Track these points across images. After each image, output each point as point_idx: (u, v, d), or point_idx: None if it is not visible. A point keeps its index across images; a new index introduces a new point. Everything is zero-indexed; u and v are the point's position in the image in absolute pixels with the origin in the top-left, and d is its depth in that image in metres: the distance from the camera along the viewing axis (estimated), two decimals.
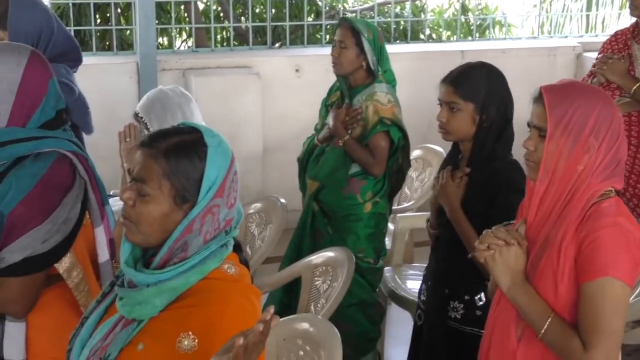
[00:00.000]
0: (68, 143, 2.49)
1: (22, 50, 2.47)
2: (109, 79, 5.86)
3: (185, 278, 1.90)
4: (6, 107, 2.40)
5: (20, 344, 2.44)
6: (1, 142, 2.40)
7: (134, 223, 1.92)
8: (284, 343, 2.82)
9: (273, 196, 4.23)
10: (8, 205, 2.35)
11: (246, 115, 5.99)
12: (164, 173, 1.89)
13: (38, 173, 2.39)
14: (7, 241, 2.35)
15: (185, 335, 1.85)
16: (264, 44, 7.08)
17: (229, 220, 1.96)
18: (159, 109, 3.59)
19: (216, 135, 1.97)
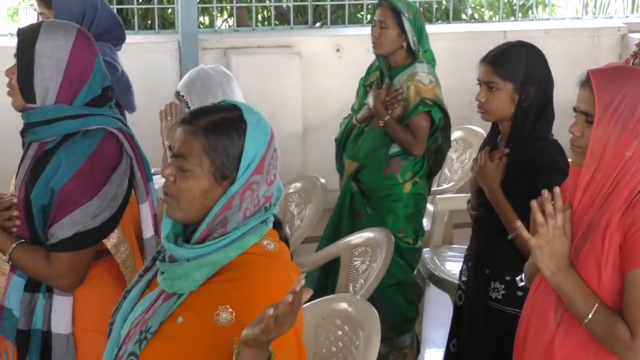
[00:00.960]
0: (114, 120, 2.52)
1: (69, 28, 2.49)
2: (150, 57, 5.89)
3: (225, 253, 1.92)
4: (54, 85, 2.43)
5: (67, 317, 2.48)
6: (49, 119, 2.44)
7: (174, 199, 1.94)
8: (322, 322, 2.83)
9: (313, 176, 4.24)
10: (59, 181, 2.39)
11: (286, 94, 6.00)
12: (204, 150, 1.91)
13: (87, 150, 2.42)
14: (58, 217, 2.40)
15: (223, 308, 1.87)
16: (305, 23, 7.07)
17: (268, 197, 1.98)
18: (200, 87, 3.60)
19: (256, 112, 1.98)
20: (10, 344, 2.54)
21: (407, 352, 4.17)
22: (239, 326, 1.78)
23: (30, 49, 2.43)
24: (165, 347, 1.92)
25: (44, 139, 2.46)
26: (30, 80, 2.44)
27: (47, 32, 2.45)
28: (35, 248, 2.46)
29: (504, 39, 5.89)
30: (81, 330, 2.50)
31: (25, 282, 2.51)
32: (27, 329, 2.49)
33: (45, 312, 2.48)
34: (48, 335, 2.48)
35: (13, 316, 2.52)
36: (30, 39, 2.45)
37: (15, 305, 2.52)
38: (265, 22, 8.97)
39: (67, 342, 2.49)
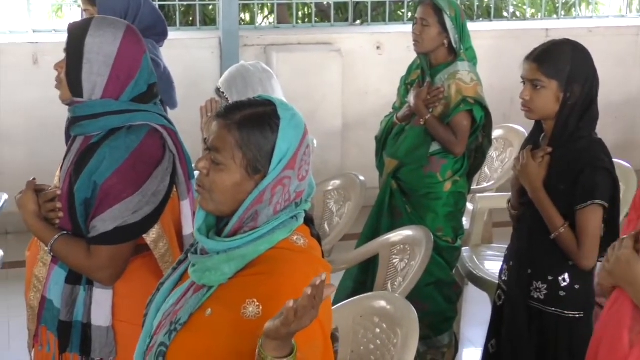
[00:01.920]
0: (158, 117, 2.54)
1: (118, 25, 2.52)
2: (191, 54, 5.93)
3: (254, 247, 1.94)
4: (102, 80, 2.46)
5: (106, 310, 2.50)
6: (95, 113, 2.46)
7: (207, 191, 1.97)
8: (360, 320, 2.83)
9: (352, 173, 4.23)
10: (102, 175, 2.41)
11: (326, 91, 6.00)
12: (237, 144, 1.93)
13: (131, 145, 2.44)
14: (100, 210, 2.42)
15: (250, 302, 1.89)
16: (346, 20, 7.07)
17: (299, 192, 1.99)
18: (241, 84, 3.61)
19: (290, 108, 1.99)
20: (52, 335, 2.56)
21: (445, 351, 4.15)
22: (265, 320, 1.79)
23: (79, 44, 2.46)
24: (194, 339, 1.94)
25: (90, 133, 2.49)
26: (78, 74, 2.46)
27: (97, 28, 2.47)
28: (76, 240, 2.48)
29: (546, 37, 5.85)
30: (120, 323, 2.52)
31: (67, 274, 2.53)
32: (69, 320, 2.52)
33: (85, 304, 2.50)
34: (88, 327, 2.51)
35: (54, 307, 2.55)
36: (80, 35, 2.47)
37: (56, 297, 2.54)
38: (305, 19, 8.98)
39: (106, 334, 2.51)
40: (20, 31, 6.00)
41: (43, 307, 2.58)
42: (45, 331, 2.59)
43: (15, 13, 6.49)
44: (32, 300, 2.61)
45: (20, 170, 5.57)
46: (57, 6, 8.50)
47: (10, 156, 5.39)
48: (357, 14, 8.20)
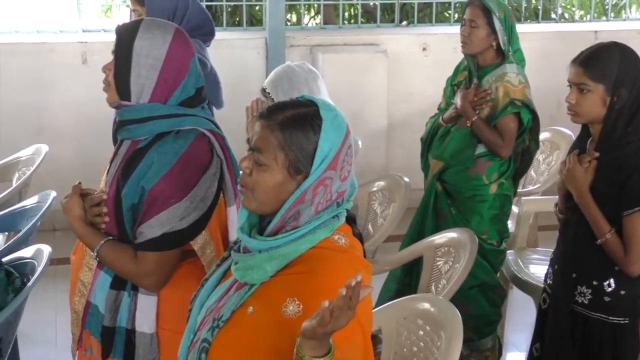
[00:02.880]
0: (206, 121, 2.51)
1: (167, 27, 2.49)
2: (237, 54, 5.96)
3: (296, 246, 1.96)
4: (150, 83, 2.43)
5: (151, 316, 2.47)
6: (143, 117, 2.44)
7: (249, 190, 1.99)
8: (404, 322, 2.82)
9: (397, 175, 4.22)
10: (150, 180, 2.38)
11: (372, 92, 6.00)
12: (279, 144, 1.95)
13: (179, 150, 2.41)
14: (147, 216, 2.39)
15: (291, 300, 1.90)
16: (392, 21, 7.05)
17: (341, 193, 2.00)
18: (286, 84, 3.62)
19: (332, 109, 2.00)
20: (95, 340, 2.53)
21: (488, 355, 4.12)
22: (306, 318, 1.80)
23: (128, 47, 2.44)
24: (236, 336, 1.96)
25: (137, 137, 2.46)
26: (126, 77, 2.44)
27: (146, 31, 2.45)
28: (122, 246, 2.45)
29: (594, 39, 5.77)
30: (164, 331, 2.48)
31: (112, 279, 2.50)
32: (112, 325, 2.49)
33: (130, 310, 2.47)
34: (132, 333, 2.47)
35: (99, 312, 2.52)
36: (128, 38, 2.45)
37: (100, 302, 2.51)
38: (351, 20, 8.97)
39: (150, 341, 2.47)
40: (70, 31, 6.08)
41: (87, 311, 2.56)
42: (88, 336, 2.56)
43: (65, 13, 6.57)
44: (76, 304, 2.59)
45: (68, 168, 5.65)
46: (107, 6, 8.59)
47: (59, 154, 5.46)
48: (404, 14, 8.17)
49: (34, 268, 3.24)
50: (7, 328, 3.07)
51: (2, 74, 5.64)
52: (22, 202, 4.09)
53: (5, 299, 3.00)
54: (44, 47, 5.75)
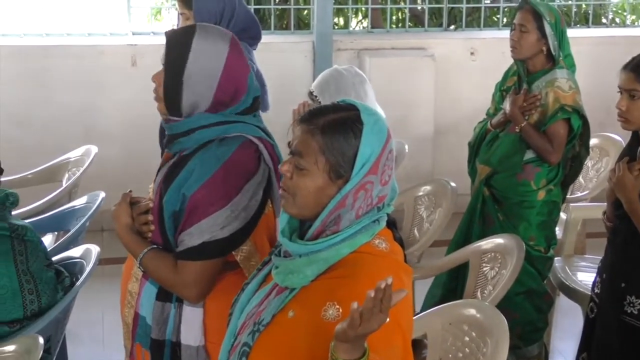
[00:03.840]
0: (255, 128, 2.42)
1: (224, 36, 2.39)
2: (285, 57, 5.98)
3: (336, 250, 1.95)
4: (205, 102, 2.35)
5: (196, 329, 2.39)
6: (191, 129, 2.36)
7: (290, 195, 1.99)
8: (449, 327, 2.80)
9: (443, 179, 4.20)
10: (191, 187, 2.31)
11: (419, 96, 5.99)
12: (320, 149, 1.94)
13: (222, 157, 2.32)
14: (187, 224, 2.31)
15: (330, 304, 1.90)
16: (440, 25, 7.03)
17: (382, 197, 2.00)
18: (333, 88, 3.62)
19: (373, 113, 2.00)
20: (148, 353, 2.46)
21: None
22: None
23: (180, 61, 2.34)
24: (276, 340, 1.96)
25: (187, 150, 2.38)
26: (177, 95, 2.35)
27: (201, 42, 2.35)
28: (164, 255, 2.37)
29: None
30: (212, 345, 2.37)
31: (157, 290, 2.42)
32: (161, 338, 2.41)
33: (175, 322, 2.39)
34: (177, 346, 2.40)
35: (147, 324, 2.45)
36: (181, 49, 2.35)
37: (147, 313, 2.44)
38: (399, 24, 8.96)
39: (196, 355, 2.39)
40: (120, 33, 6.15)
41: (137, 324, 2.49)
42: (140, 349, 2.49)
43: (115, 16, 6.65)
44: (126, 316, 2.53)
45: (116, 169, 5.71)
46: (156, 9, 8.68)
47: (108, 155, 5.51)
48: (452, 19, 8.15)
49: (82, 267, 3.29)
50: (56, 326, 3.12)
51: (54, 75, 5.73)
52: (71, 203, 4.15)
53: (54, 298, 3.04)
54: (94, 50, 5.82)
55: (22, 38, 5.95)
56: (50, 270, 3.08)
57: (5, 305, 2.89)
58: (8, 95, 5.68)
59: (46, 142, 5.63)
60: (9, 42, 5.85)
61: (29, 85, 5.70)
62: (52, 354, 3.15)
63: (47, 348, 2.90)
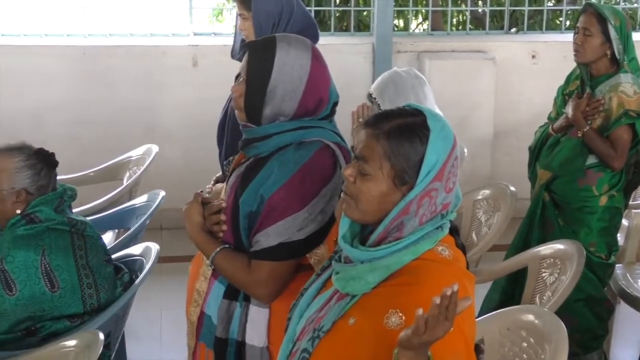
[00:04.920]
0: (332, 133, 2.44)
1: (306, 46, 2.41)
2: (344, 59, 5.97)
3: (398, 257, 1.93)
4: (293, 105, 2.37)
5: (262, 329, 2.41)
6: (269, 134, 2.38)
7: (353, 199, 1.97)
8: (507, 333, 2.78)
9: (503, 183, 4.16)
10: (269, 189, 2.33)
11: (479, 99, 5.94)
12: (385, 154, 1.92)
13: (300, 160, 2.35)
14: (264, 225, 2.34)
15: (393, 312, 1.87)
16: (501, 28, 6.96)
17: (446, 204, 1.97)
18: (393, 90, 3.61)
19: (440, 119, 1.97)
20: (212, 352, 2.49)
21: None
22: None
23: (264, 75, 2.36)
24: (336, 346, 1.95)
25: (264, 153, 2.40)
26: (260, 106, 2.37)
27: (284, 54, 2.37)
28: (237, 254, 2.41)
29: None
30: (276, 347, 2.34)
31: (225, 288, 2.46)
32: (225, 337, 2.44)
33: (240, 321, 2.42)
34: (242, 345, 2.42)
35: (212, 323, 2.48)
36: (265, 62, 2.36)
37: (213, 312, 2.47)
38: (459, 26, 8.91)
39: (260, 355, 2.42)
40: (182, 34, 6.21)
41: (201, 323, 2.52)
42: (204, 348, 2.52)
43: (177, 17, 6.72)
44: (191, 314, 2.55)
45: (176, 168, 5.77)
46: (218, 10, 8.75)
47: (168, 154, 5.58)
48: (513, 21, 8.07)
49: (142, 265, 3.32)
50: (115, 322, 3.15)
51: (117, 75, 5.81)
52: (132, 201, 4.20)
53: (113, 293, 3.08)
54: (156, 50, 5.89)
55: (86, 38, 6.05)
56: (109, 266, 3.12)
57: (64, 299, 2.94)
58: (72, 94, 5.78)
59: (108, 141, 5.71)
60: (73, 42, 5.95)
61: (92, 85, 5.79)
62: (112, 350, 3.19)
63: (106, 344, 2.93)
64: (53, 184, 3.05)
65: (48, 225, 2.96)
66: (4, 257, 2.90)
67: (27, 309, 2.89)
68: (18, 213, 2.96)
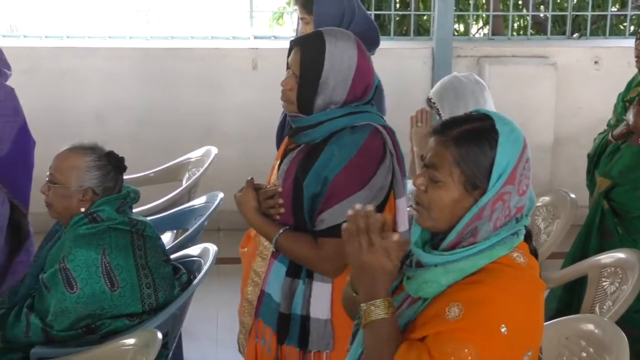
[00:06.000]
0: (378, 117, 2.62)
1: (350, 38, 2.58)
2: (403, 63, 5.96)
3: (473, 261, 1.93)
4: (343, 93, 2.53)
5: (325, 303, 2.56)
6: (319, 121, 2.54)
7: (425, 208, 1.97)
8: (565, 342, 2.75)
9: (563, 190, 4.11)
10: (333, 170, 2.48)
11: (539, 105, 5.88)
12: (455, 160, 1.92)
13: (357, 142, 2.51)
14: (329, 204, 2.49)
15: (454, 304, 1.88)
16: (563, 33, 6.88)
17: (520, 208, 1.95)
18: (452, 95, 3.59)
19: (508, 122, 1.96)
20: (269, 329, 2.64)
21: None
22: (465, 321, 1.83)
23: (317, 68, 2.52)
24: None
25: (315, 140, 2.57)
26: (312, 98, 2.53)
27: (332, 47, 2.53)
28: (300, 234, 2.55)
29: None
30: (338, 319, 2.53)
31: (287, 267, 2.60)
32: (288, 312, 2.59)
33: (304, 297, 2.56)
34: (306, 319, 2.57)
35: (272, 301, 2.62)
36: (316, 56, 2.53)
37: (274, 291, 2.62)
38: (520, 31, 8.83)
39: (324, 327, 2.56)
40: (242, 37, 6.26)
41: (261, 301, 2.67)
42: (262, 324, 2.67)
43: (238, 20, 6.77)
44: (249, 294, 2.71)
45: (234, 170, 5.80)
46: (278, 14, 8.80)
47: (226, 156, 5.62)
48: (575, 27, 7.98)
49: (200, 266, 3.35)
50: (173, 322, 3.19)
51: (178, 77, 5.87)
52: (191, 202, 4.24)
53: (171, 293, 3.11)
54: (216, 53, 5.94)
55: (148, 41, 6.13)
56: (167, 266, 3.16)
57: (124, 298, 2.98)
58: (134, 95, 5.87)
59: (168, 142, 5.78)
60: (136, 45, 6.04)
61: (153, 86, 5.87)
62: (169, 349, 3.22)
63: (164, 343, 2.97)
64: (119, 187, 3.10)
65: (109, 224, 3.00)
66: (66, 256, 2.95)
67: (88, 307, 2.94)
68: (82, 211, 3.01)
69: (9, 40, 6.01)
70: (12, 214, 3.76)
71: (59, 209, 3.05)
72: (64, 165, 3.04)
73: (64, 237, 3.03)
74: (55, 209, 3.06)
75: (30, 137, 3.77)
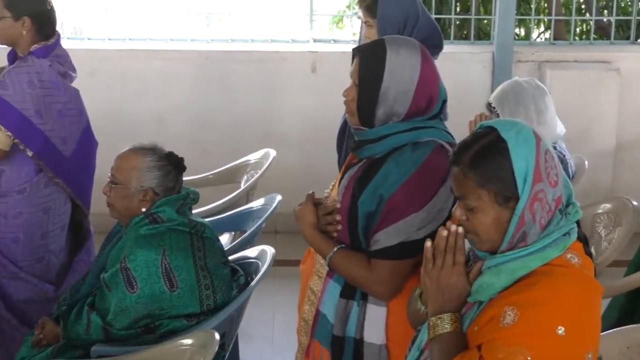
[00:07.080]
0: (445, 133, 2.49)
1: (414, 47, 2.44)
2: (463, 67, 5.92)
3: (524, 262, 1.94)
4: (405, 105, 2.40)
5: (380, 327, 2.45)
6: (382, 135, 2.42)
7: (474, 235, 2.01)
8: (626, 351, 2.71)
9: (624, 197, 4.05)
10: (389, 189, 2.37)
11: (601, 111, 5.80)
12: (478, 184, 1.95)
13: (417, 160, 2.38)
14: (384, 224, 2.38)
15: (508, 308, 1.89)
16: (627, 38, 6.77)
17: (558, 199, 1.97)
18: (513, 100, 3.57)
19: (512, 126, 1.98)
20: (326, 350, 2.54)
21: None
22: (520, 326, 1.84)
23: (376, 78, 2.40)
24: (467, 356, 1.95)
25: (378, 154, 2.45)
26: (372, 109, 2.41)
27: (394, 56, 2.40)
28: (355, 253, 2.44)
29: None
30: (394, 345, 2.44)
31: (341, 287, 2.50)
32: (342, 335, 2.49)
33: (358, 320, 2.46)
34: (360, 343, 2.47)
35: (328, 322, 2.53)
36: (376, 66, 2.40)
37: (329, 311, 2.52)
38: (583, 36, 8.71)
39: (378, 353, 2.46)
40: (302, 40, 6.28)
41: (317, 321, 2.57)
42: (318, 346, 2.57)
43: (297, 23, 6.79)
44: (306, 313, 2.61)
45: (292, 173, 5.83)
46: (338, 17, 8.80)
47: (284, 159, 5.63)
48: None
49: (257, 268, 3.37)
50: (230, 323, 3.21)
51: (237, 80, 5.91)
52: (249, 204, 4.26)
53: (229, 295, 3.13)
54: (276, 56, 5.97)
55: (208, 43, 6.18)
56: (226, 267, 3.18)
57: (183, 299, 3.00)
58: (194, 97, 5.92)
59: (227, 144, 5.82)
60: (196, 47, 6.10)
61: (213, 89, 5.91)
62: (226, 350, 3.24)
63: (221, 344, 2.98)
64: (178, 187, 3.13)
65: (169, 225, 3.03)
66: (127, 256, 2.99)
67: (147, 306, 2.97)
68: (143, 212, 3.04)
69: (73, 42, 6.11)
70: (74, 213, 3.82)
71: (120, 209, 3.09)
72: (125, 165, 3.08)
73: (125, 237, 3.08)
74: (117, 209, 3.09)
75: (93, 138, 3.83)
